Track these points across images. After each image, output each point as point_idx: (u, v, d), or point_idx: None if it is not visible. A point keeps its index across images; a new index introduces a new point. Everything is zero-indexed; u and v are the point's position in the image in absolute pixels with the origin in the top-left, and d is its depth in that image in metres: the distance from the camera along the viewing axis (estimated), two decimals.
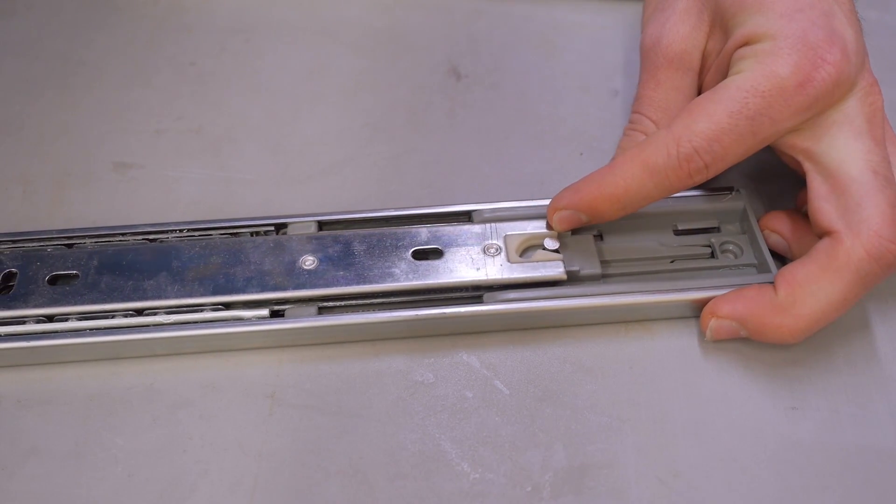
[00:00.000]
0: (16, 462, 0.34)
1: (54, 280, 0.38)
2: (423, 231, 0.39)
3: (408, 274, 0.37)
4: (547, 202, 0.38)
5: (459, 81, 0.48)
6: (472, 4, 0.52)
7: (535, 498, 0.33)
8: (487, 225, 0.39)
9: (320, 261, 0.38)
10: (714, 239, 0.39)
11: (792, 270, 0.35)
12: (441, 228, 0.39)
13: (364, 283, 0.37)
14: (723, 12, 0.38)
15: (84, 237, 0.39)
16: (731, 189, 0.40)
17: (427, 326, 0.37)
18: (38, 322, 0.36)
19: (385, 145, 0.45)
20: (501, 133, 0.45)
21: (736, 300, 0.36)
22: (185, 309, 0.37)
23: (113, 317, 0.36)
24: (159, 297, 0.37)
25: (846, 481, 0.33)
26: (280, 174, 0.44)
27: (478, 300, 0.37)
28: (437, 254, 0.38)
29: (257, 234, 0.39)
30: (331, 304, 0.37)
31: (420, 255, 0.38)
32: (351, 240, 0.39)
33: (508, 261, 0.38)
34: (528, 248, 0.39)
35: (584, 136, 0.45)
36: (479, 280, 0.37)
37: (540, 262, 0.38)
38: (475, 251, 0.38)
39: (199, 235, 0.39)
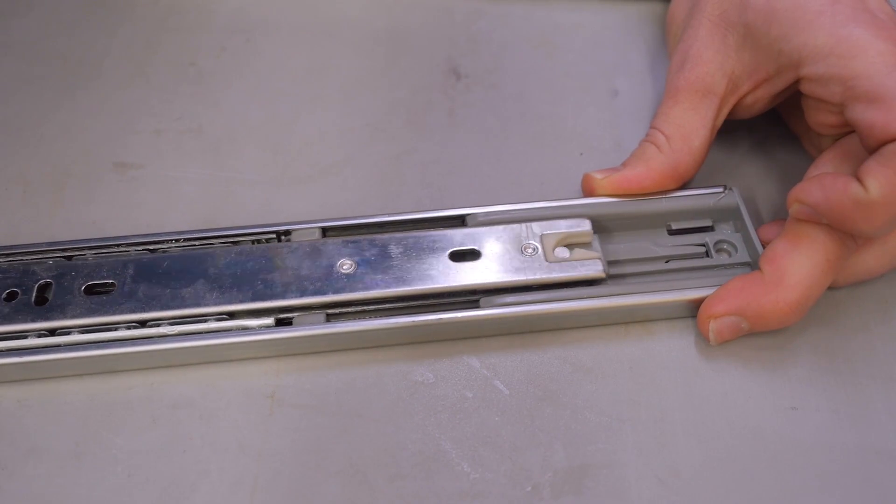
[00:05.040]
0: (16, 462, 0.34)
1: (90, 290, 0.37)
2: (459, 233, 0.39)
3: (446, 276, 0.37)
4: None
5: (459, 81, 0.48)
6: (472, 4, 0.52)
7: (535, 498, 0.33)
8: (523, 224, 0.39)
9: (358, 265, 0.37)
10: (708, 238, 0.39)
11: (772, 247, 0.36)
12: (477, 229, 0.39)
13: (403, 285, 0.37)
14: (753, 32, 0.38)
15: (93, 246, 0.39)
16: (723, 187, 0.40)
17: (428, 332, 0.37)
18: (41, 336, 0.36)
19: (385, 145, 0.45)
20: (501, 133, 0.45)
21: (726, 295, 0.36)
22: (192, 319, 0.36)
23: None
24: (198, 305, 0.36)
25: (846, 481, 0.33)
26: (280, 174, 0.44)
27: (474, 304, 0.37)
28: (474, 255, 0.38)
29: (258, 241, 0.39)
30: (371, 308, 0.37)
31: (457, 256, 0.38)
32: (388, 243, 0.38)
33: (546, 260, 0.38)
34: (560, 248, 0.39)
35: (584, 136, 0.45)
36: (520, 280, 0.37)
37: (578, 261, 0.37)
38: (513, 251, 0.38)
39: (199, 245, 0.39)
